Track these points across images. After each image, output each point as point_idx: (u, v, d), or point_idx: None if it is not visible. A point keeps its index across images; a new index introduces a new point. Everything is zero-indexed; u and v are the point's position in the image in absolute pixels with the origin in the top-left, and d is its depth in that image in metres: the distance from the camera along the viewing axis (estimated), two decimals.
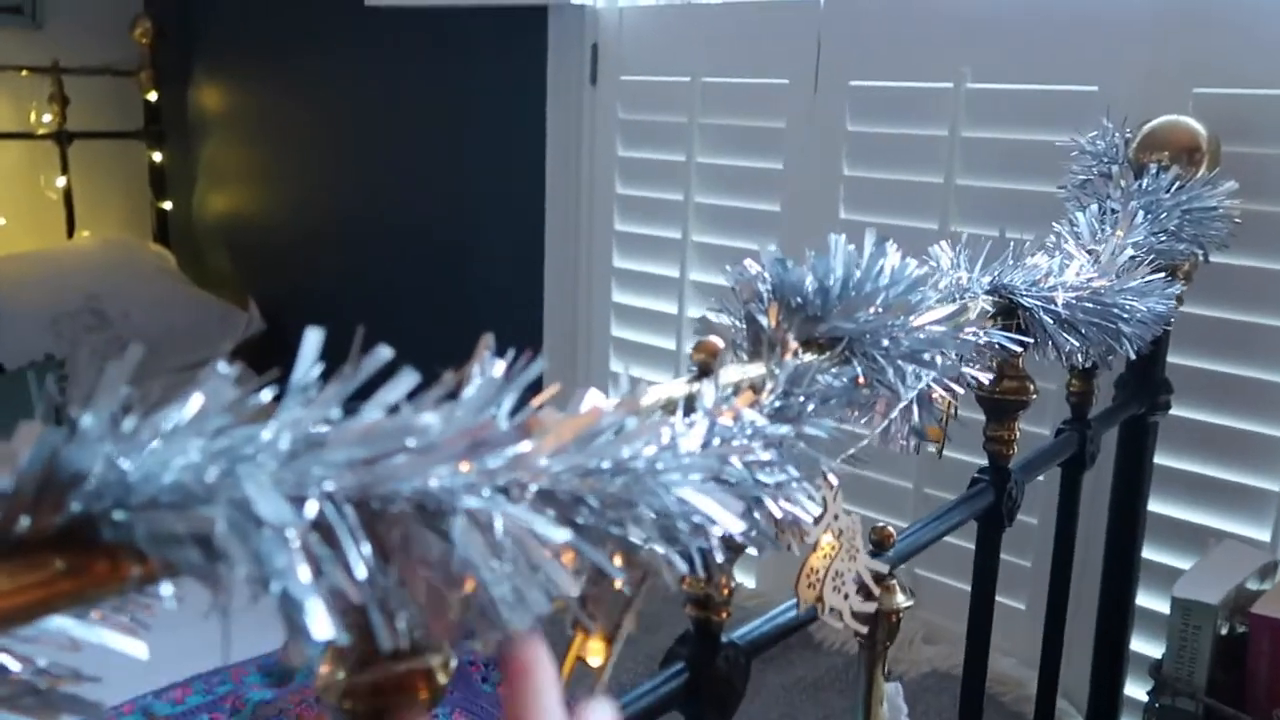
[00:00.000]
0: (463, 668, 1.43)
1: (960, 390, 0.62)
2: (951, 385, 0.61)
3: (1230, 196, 1.00)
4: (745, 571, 1.61)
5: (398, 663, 0.35)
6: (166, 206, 2.69)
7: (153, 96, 2.62)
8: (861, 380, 0.55)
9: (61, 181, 2.52)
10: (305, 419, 0.29)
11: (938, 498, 1.37)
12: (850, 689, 1.09)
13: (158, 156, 2.66)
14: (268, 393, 0.28)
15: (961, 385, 0.62)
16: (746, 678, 0.60)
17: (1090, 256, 0.83)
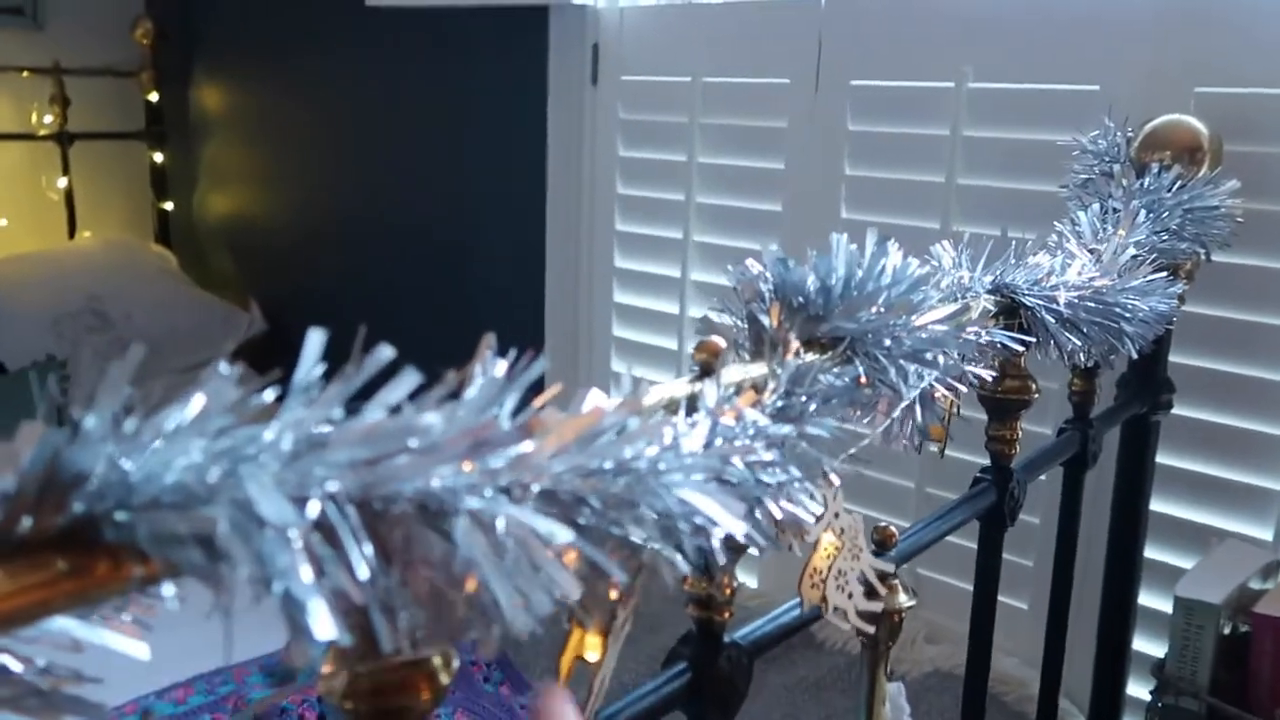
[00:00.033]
0: (464, 668, 1.43)
1: (962, 389, 0.62)
2: (954, 384, 0.61)
3: (1232, 195, 1.00)
4: (747, 571, 1.61)
5: (399, 663, 0.35)
6: (168, 207, 2.70)
7: (154, 97, 2.62)
8: (863, 380, 0.55)
9: (63, 182, 2.52)
10: (307, 419, 0.28)
11: (940, 497, 1.36)
12: (853, 689, 1.09)
13: (159, 157, 2.66)
14: (270, 393, 0.28)
15: (964, 384, 0.62)
16: (749, 678, 0.60)
17: (1092, 256, 0.83)
